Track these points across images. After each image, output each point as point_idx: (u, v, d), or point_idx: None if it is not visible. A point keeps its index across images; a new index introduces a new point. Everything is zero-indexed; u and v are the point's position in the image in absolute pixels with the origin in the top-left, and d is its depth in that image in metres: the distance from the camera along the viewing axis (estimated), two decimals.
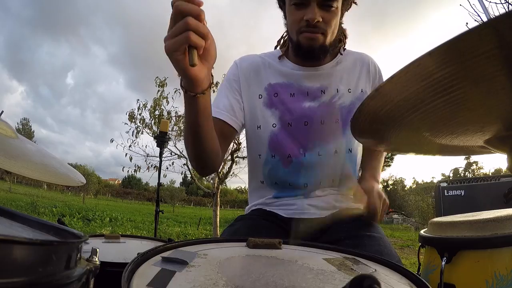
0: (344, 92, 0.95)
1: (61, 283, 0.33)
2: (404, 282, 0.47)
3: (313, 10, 0.83)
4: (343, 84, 0.96)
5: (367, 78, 0.98)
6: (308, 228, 0.96)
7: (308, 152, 0.94)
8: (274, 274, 0.46)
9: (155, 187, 3.14)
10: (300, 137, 0.94)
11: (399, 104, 0.38)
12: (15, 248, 0.29)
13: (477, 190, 3.20)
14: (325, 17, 0.85)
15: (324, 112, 0.93)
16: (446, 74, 0.31)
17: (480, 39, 0.26)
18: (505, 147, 0.44)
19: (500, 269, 0.70)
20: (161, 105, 5.92)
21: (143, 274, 0.42)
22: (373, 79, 0.99)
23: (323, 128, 0.93)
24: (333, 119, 0.93)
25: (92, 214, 9.26)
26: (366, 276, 0.27)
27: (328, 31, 0.87)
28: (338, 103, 0.94)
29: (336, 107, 0.94)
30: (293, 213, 0.98)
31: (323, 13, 0.84)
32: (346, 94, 0.95)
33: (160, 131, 2.44)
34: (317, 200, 0.98)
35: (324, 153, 0.93)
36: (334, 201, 0.97)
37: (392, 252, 0.79)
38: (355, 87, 0.96)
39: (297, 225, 0.97)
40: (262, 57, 1.02)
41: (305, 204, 0.97)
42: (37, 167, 0.74)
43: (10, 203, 9.99)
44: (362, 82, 0.97)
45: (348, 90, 0.96)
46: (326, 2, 0.83)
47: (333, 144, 0.93)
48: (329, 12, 0.84)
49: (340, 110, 0.94)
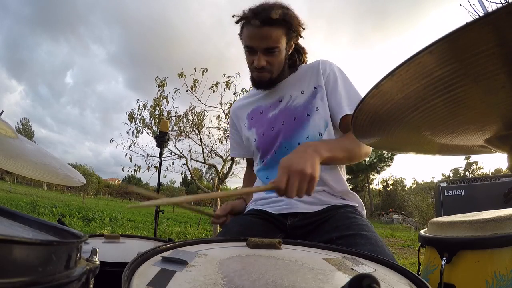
0: (297, 95, 1.12)
1: (61, 283, 0.33)
2: (404, 282, 0.47)
3: (259, 58, 1.03)
4: (296, 89, 1.13)
5: (317, 75, 1.10)
6: (298, 222, 1.02)
7: (278, 150, 1.11)
8: (274, 274, 0.46)
9: (155, 187, 3.14)
10: (270, 140, 1.13)
11: (399, 102, 0.38)
12: (15, 248, 0.29)
13: (477, 190, 3.20)
14: (270, 60, 1.04)
15: (283, 115, 1.12)
16: (446, 72, 0.31)
17: (480, 37, 0.26)
18: (505, 146, 0.44)
19: (500, 269, 0.69)
20: (161, 105, 5.91)
21: (143, 274, 0.42)
22: (324, 72, 1.10)
23: (284, 127, 1.10)
24: (291, 118, 1.10)
25: (92, 214, 9.26)
26: (366, 276, 0.27)
27: (273, 69, 1.07)
28: (293, 104, 1.11)
29: (292, 108, 1.11)
30: (281, 209, 1.05)
31: (268, 58, 1.04)
32: (299, 96, 1.11)
33: (160, 131, 2.43)
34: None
35: (290, 148, 1.07)
36: (321, 196, 1.03)
37: (386, 251, 0.79)
38: (307, 87, 1.11)
39: (287, 219, 1.04)
40: (242, 100, 1.32)
41: (292, 200, 1.02)
42: (37, 167, 0.74)
43: (10, 203, 9.99)
44: (313, 80, 1.11)
45: (301, 92, 1.12)
46: (269, 50, 1.02)
47: (295, 138, 1.08)
48: (273, 56, 1.03)
49: (296, 109, 1.10)
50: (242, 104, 1.30)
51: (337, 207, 1.00)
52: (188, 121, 5.99)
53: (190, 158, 6.09)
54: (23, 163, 0.69)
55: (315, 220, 0.99)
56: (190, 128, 5.99)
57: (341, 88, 1.07)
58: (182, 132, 5.97)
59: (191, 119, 5.95)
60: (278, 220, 1.04)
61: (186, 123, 6.02)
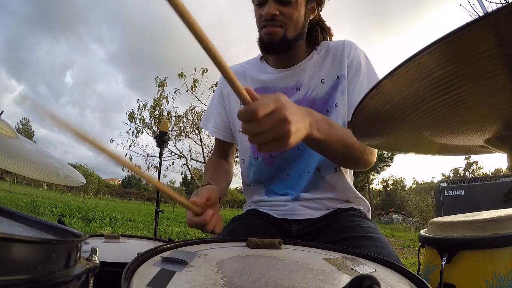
0: (317, 84, 0.96)
1: (61, 282, 0.33)
2: (404, 282, 0.47)
3: (269, 5, 0.87)
4: (316, 76, 0.97)
5: (341, 61, 0.95)
6: (302, 231, 0.97)
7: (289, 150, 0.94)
8: (274, 274, 0.46)
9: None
10: None
11: (399, 103, 0.38)
12: (15, 246, 0.29)
13: (477, 190, 3.20)
14: (284, 10, 0.87)
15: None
16: (446, 72, 0.31)
17: (481, 37, 0.26)
18: (505, 147, 0.44)
19: (500, 269, 0.69)
20: (161, 105, 5.92)
21: (143, 274, 0.42)
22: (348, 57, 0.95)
23: None
24: None
25: (92, 214, 9.25)
26: (366, 276, 0.27)
27: (288, 24, 0.88)
28: (312, 96, 0.96)
29: (310, 101, 0.96)
30: (285, 214, 0.99)
31: (281, 7, 0.87)
32: (320, 86, 0.96)
33: (160, 131, 2.43)
34: (309, 201, 0.98)
35: (303, 146, 0.94)
36: (326, 202, 0.98)
37: (391, 252, 0.78)
38: (328, 75, 0.96)
39: (291, 225, 0.99)
40: (242, 66, 1.08)
41: (297, 205, 0.98)
42: (37, 167, 0.74)
43: (10, 203, 9.98)
44: (336, 66, 0.96)
45: (321, 81, 0.96)
46: None
47: None
48: (288, 6, 0.87)
49: (314, 102, 0.96)
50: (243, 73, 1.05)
51: (341, 211, 0.97)
52: (188, 121, 5.99)
53: (190, 158, 6.10)
54: (23, 163, 0.69)
55: (320, 226, 0.96)
56: (190, 128, 6.00)
57: (362, 82, 0.92)
58: (182, 132, 5.97)
59: (191, 119, 5.96)
60: (281, 225, 1.00)
61: (186, 123, 6.03)
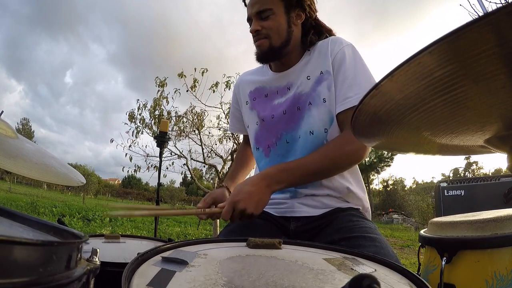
0: (303, 81, 1.02)
1: (62, 283, 0.33)
2: (404, 282, 0.47)
3: (253, 23, 1.01)
4: (303, 74, 1.03)
5: (325, 58, 1.00)
6: (301, 228, 0.99)
7: (279, 141, 1.05)
8: (274, 274, 0.46)
9: (155, 187, 3.14)
10: (270, 129, 1.07)
11: (399, 103, 0.38)
12: (15, 248, 0.29)
13: (477, 190, 3.20)
14: (264, 25, 0.99)
15: (287, 104, 1.04)
16: (446, 72, 0.31)
17: (481, 37, 0.26)
18: (505, 147, 0.44)
19: (500, 269, 0.69)
20: (161, 105, 5.92)
21: (143, 274, 0.42)
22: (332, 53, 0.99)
23: (286, 117, 1.03)
24: (295, 108, 1.02)
25: (92, 214, 9.24)
26: (366, 276, 0.27)
27: (271, 35, 1.00)
28: (298, 92, 1.03)
29: (296, 97, 1.03)
30: (284, 212, 1.02)
31: (262, 22, 0.99)
32: (305, 82, 1.02)
33: (160, 131, 2.42)
34: (307, 199, 1.00)
35: (291, 140, 1.02)
36: (325, 200, 0.99)
37: (390, 252, 0.78)
38: (313, 71, 1.01)
39: (289, 223, 1.01)
40: (248, 74, 1.23)
41: (295, 202, 1.00)
42: (37, 167, 0.74)
43: (10, 203, 9.97)
44: (320, 63, 1.01)
45: (307, 77, 1.02)
46: (260, 14, 0.99)
47: (296, 130, 1.01)
48: (267, 20, 0.99)
49: (300, 98, 1.02)
50: (249, 79, 1.20)
51: (340, 210, 0.97)
52: (188, 121, 5.99)
53: (190, 158, 6.09)
54: (23, 163, 0.69)
55: (318, 224, 0.97)
56: (190, 128, 6.00)
57: (346, 74, 0.95)
58: (182, 132, 5.97)
59: (191, 119, 5.96)
60: (280, 223, 1.01)
61: (186, 123, 6.03)
